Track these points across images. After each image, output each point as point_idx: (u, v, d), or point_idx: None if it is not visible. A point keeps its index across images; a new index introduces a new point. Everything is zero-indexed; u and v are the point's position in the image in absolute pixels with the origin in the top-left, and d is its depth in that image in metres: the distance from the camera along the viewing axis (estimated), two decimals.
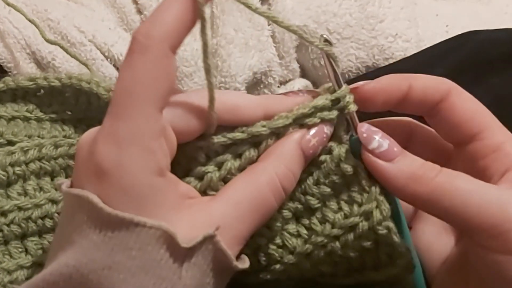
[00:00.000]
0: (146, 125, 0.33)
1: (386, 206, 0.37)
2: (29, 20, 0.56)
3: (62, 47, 0.54)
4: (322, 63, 0.63)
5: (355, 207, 0.38)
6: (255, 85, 0.63)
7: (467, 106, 0.38)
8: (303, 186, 0.39)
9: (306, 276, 0.41)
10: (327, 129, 0.38)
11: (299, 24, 0.62)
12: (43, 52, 0.58)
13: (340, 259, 0.39)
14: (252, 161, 0.38)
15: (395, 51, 0.63)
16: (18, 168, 0.43)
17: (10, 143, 0.45)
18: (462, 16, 0.68)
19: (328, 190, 0.38)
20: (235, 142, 0.37)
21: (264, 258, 0.39)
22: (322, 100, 0.38)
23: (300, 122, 0.38)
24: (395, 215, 0.38)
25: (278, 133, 0.38)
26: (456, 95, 0.38)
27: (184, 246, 0.32)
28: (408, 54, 0.63)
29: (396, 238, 0.37)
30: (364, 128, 0.37)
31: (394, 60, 0.63)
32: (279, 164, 0.37)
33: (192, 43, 0.61)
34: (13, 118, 0.48)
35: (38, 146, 0.44)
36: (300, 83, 0.64)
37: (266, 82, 0.63)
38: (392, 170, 0.36)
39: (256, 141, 0.37)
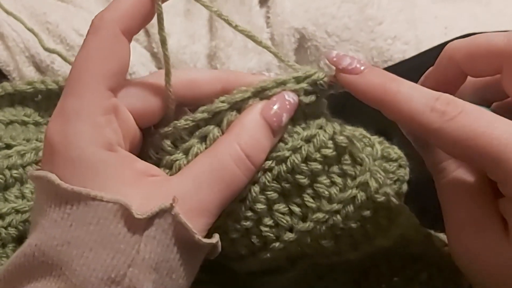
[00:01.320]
0: (93, 100, 0.34)
1: (380, 174, 0.37)
2: (28, 29, 0.56)
3: (60, 56, 0.54)
4: (321, 65, 0.63)
5: (349, 180, 0.38)
6: None
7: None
8: (289, 165, 0.38)
9: (307, 253, 0.40)
10: (288, 96, 0.37)
11: (297, 26, 0.62)
12: (42, 55, 0.58)
13: (341, 231, 0.39)
14: None
15: (394, 53, 0.63)
16: (15, 171, 0.44)
17: (8, 146, 0.45)
18: (461, 18, 0.68)
19: (319, 166, 0.38)
20: (198, 123, 0.37)
21: (257, 240, 0.39)
22: (285, 76, 0.37)
23: (261, 95, 0.37)
24: None
25: (239, 108, 0.37)
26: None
27: (139, 217, 0.32)
28: (407, 56, 0.63)
29: (394, 201, 0.37)
30: (334, 53, 0.37)
31: (393, 63, 0.63)
32: (241, 133, 0.36)
33: (190, 46, 0.61)
34: (11, 122, 0.48)
35: (35, 150, 0.45)
36: None
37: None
38: (360, 81, 0.36)
39: (218, 120, 0.37)
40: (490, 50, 0.35)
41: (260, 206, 0.38)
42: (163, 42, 0.36)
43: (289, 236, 0.39)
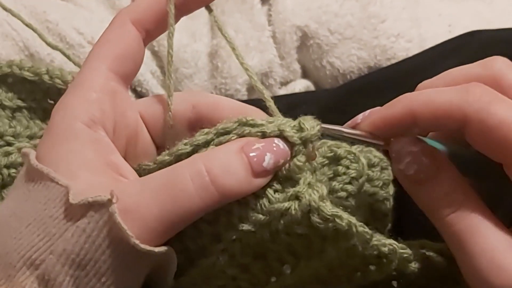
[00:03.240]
0: (90, 77, 0.36)
1: (368, 233, 0.34)
2: (26, 25, 0.55)
3: (62, 52, 0.54)
4: (324, 63, 0.62)
5: (332, 245, 0.35)
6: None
7: (491, 136, 0.32)
8: (257, 239, 0.34)
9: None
10: (278, 141, 0.33)
11: (299, 24, 0.61)
12: (41, 54, 0.58)
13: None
14: None
15: (397, 52, 0.63)
16: (13, 170, 0.43)
17: (9, 144, 0.45)
18: (465, 15, 0.68)
19: (304, 230, 0.34)
20: (163, 166, 0.34)
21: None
22: (248, 117, 0.34)
23: (223, 138, 0.34)
24: None
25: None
26: (476, 124, 0.32)
27: (72, 202, 0.31)
28: (410, 54, 0.62)
29: (382, 246, 0.36)
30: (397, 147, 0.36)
31: (396, 61, 0.62)
32: (210, 155, 0.32)
33: (192, 45, 0.61)
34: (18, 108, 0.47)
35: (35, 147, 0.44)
36: (301, 84, 0.64)
37: (267, 83, 0.62)
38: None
39: (218, 143, 0.34)
40: (453, 114, 0.33)
41: (233, 270, 0.36)
42: (170, 45, 0.39)
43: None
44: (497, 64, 0.35)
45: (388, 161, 0.38)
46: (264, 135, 0.34)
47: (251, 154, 0.32)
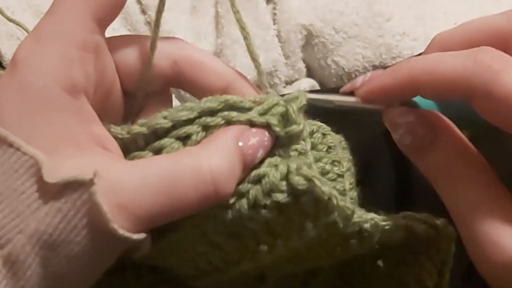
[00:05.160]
0: (73, 28, 0.30)
1: (349, 209, 0.33)
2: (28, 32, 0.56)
3: None
4: (329, 62, 0.62)
5: (310, 222, 0.33)
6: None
7: (501, 110, 0.30)
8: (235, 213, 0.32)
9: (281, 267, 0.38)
10: (267, 136, 0.33)
11: (304, 23, 0.61)
12: None
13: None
14: None
15: (403, 50, 0.62)
16: None
17: None
18: (471, 13, 0.67)
19: (271, 214, 0.32)
20: (135, 136, 0.32)
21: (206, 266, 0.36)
22: (234, 96, 0.33)
23: (206, 117, 0.32)
24: None
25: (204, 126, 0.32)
26: (484, 97, 0.30)
27: (47, 181, 0.27)
28: (416, 53, 0.62)
29: (363, 222, 0.34)
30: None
31: (402, 59, 0.62)
32: (214, 153, 0.31)
33: (196, 44, 0.61)
34: None
35: None
36: (306, 83, 0.64)
37: (272, 82, 0.62)
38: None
39: (203, 124, 0.32)
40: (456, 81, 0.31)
41: (203, 247, 0.34)
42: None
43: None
44: None
45: (328, 126, 0.37)
46: (251, 124, 0.33)
47: (247, 152, 0.32)
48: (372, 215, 0.34)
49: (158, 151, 0.32)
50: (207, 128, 0.32)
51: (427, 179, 0.34)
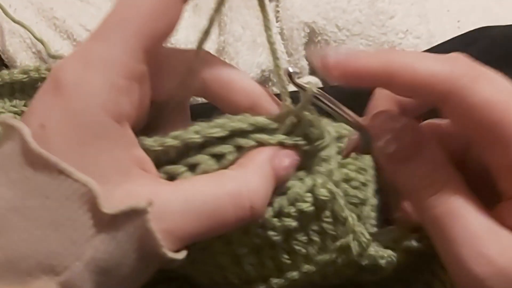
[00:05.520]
0: (123, 57, 0.30)
1: (365, 237, 0.34)
2: (37, 39, 0.56)
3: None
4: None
5: (329, 240, 0.34)
6: (263, 83, 0.62)
7: (472, 116, 0.30)
8: (259, 219, 0.34)
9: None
10: (297, 157, 0.34)
11: (307, 20, 0.61)
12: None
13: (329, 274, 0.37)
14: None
15: (406, 48, 0.62)
16: None
17: None
18: (474, 11, 0.67)
19: (294, 223, 0.34)
20: (167, 149, 0.33)
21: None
22: (263, 119, 0.34)
23: (238, 138, 0.34)
24: None
25: (236, 146, 0.34)
26: (458, 101, 0.30)
27: (105, 212, 0.28)
28: (419, 51, 0.62)
29: (380, 261, 0.35)
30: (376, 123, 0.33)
31: None
32: (252, 177, 0.32)
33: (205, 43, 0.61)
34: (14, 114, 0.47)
35: None
36: (309, 80, 0.64)
37: (275, 80, 0.62)
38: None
39: (237, 145, 0.34)
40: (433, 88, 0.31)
41: (224, 258, 0.35)
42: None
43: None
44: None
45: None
46: (282, 144, 0.34)
47: (281, 172, 0.33)
48: (389, 252, 0.35)
49: (193, 167, 0.33)
50: (240, 149, 0.33)
51: (403, 192, 0.34)
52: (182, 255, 0.31)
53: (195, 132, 0.33)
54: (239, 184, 0.32)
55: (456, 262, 0.31)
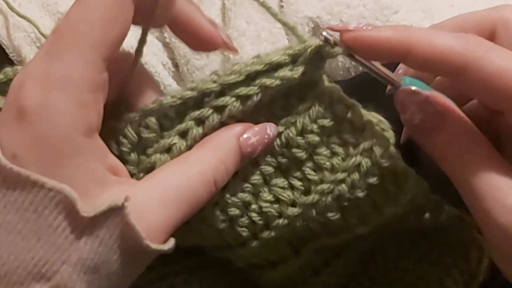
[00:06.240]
0: (85, 72, 0.29)
1: (385, 137, 0.36)
2: (42, 34, 0.56)
3: None
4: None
5: (351, 148, 0.37)
6: None
7: (490, 84, 0.32)
8: (283, 139, 0.37)
9: (313, 233, 0.39)
10: (270, 130, 0.36)
11: (311, 15, 0.61)
12: None
13: (348, 202, 0.38)
14: (215, 128, 0.36)
15: None
16: None
17: None
18: (478, 7, 0.67)
19: (317, 138, 0.37)
20: (186, 101, 0.35)
21: (258, 218, 0.38)
22: (278, 56, 0.36)
23: (254, 81, 0.35)
24: None
25: (238, 96, 0.35)
26: (476, 72, 0.32)
27: (84, 216, 0.29)
28: None
29: (400, 164, 0.36)
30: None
31: None
32: (214, 155, 0.34)
33: None
34: None
35: None
36: None
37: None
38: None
39: (218, 106, 0.35)
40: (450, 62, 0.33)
41: (255, 178, 0.37)
42: None
43: (292, 210, 0.37)
44: (506, 9, 0.38)
45: (388, 123, 0.38)
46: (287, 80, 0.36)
47: (246, 150, 0.35)
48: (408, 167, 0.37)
49: (199, 120, 0.35)
50: (242, 100, 0.35)
51: (434, 159, 0.36)
52: (169, 245, 0.32)
53: (213, 81, 0.35)
54: (202, 163, 0.34)
55: (483, 214, 0.33)
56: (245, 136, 0.36)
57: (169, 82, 0.59)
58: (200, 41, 0.37)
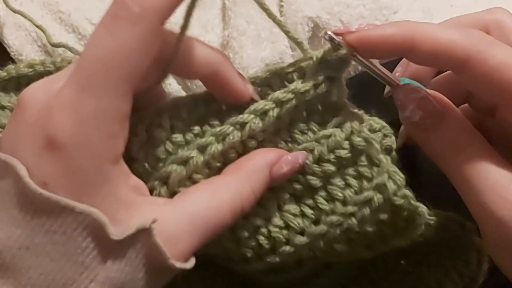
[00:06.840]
0: (116, 105, 0.30)
1: (399, 176, 0.36)
2: (37, 26, 0.56)
3: (68, 49, 0.54)
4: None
5: (365, 182, 0.36)
6: None
7: (491, 78, 0.33)
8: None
9: (318, 257, 0.39)
10: (301, 159, 0.37)
11: (311, 15, 0.61)
12: None
13: (356, 235, 0.37)
14: (234, 147, 0.36)
15: None
16: None
17: None
18: (478, 7, 0.67)
19: (332, 168, 0.37)
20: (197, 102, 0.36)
21: (266, 241, 0.38)
22: (301, 85, 0.37)
23: (282, 107, 0.36)
24: None
25: (259, 114, 0.36)
26: (477, 65, 0.33)
27: (114, 239, 0.30)
28: None
29: (413, 203, 0.36)
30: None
31: None
32: (246, 185, 0.35)
33: (203, 35, 0.61)
34: None
35: None
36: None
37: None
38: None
39: (239, 123, 0.36)
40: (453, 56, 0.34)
41: (270, 203, 0.37)
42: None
43: (300, 240, 0.37)
44: (498, 12, 0.39)
45: (391, 129, 0.38)
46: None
47: (277, 179, 0.36)
48: (420, 204, 0.37)
49: (221, 138, 0.35)
50: (261, 116, 0.36)
51: (432, 157, 0.36)
52: (190, 264, 0.33)
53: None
54: (234, 192, 0.34)
55: (482, 209, 0.34)
56: (277, 165, 0.36)
57: (169, 81, 0.59)
58: (231, 95, 0.37)
